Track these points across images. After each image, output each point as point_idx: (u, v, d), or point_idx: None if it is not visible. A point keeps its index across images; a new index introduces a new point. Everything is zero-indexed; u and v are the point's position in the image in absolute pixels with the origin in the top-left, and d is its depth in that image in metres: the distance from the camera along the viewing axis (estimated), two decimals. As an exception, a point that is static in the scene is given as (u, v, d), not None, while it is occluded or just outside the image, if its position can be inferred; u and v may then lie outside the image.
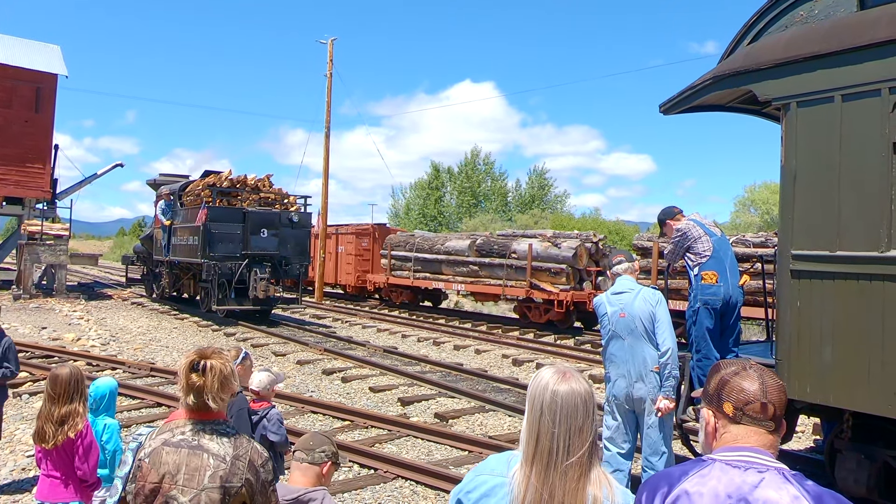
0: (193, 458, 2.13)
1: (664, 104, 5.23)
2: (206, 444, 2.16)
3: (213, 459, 2.13)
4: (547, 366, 1.86)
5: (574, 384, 1.75)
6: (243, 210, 17.50)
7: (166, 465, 2.12)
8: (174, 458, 2.13)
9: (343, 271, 25.65)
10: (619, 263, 4.92)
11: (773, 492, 1.56)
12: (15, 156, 23.14)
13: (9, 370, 5.47)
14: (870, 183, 3.93)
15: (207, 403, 2.19)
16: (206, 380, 2.19)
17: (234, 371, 2.28)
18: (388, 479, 6.02)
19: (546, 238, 18.17)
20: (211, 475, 2.11)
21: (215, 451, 2.14)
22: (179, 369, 2.24)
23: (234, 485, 2.12)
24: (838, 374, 4.07)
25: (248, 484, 2.15)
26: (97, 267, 49.55)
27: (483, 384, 10.44)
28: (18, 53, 24.16)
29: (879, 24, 3.91)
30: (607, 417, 4.85)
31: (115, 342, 13.85)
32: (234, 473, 2.13)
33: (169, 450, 2.15)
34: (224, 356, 2.27)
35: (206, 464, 2.12)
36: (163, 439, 2.18)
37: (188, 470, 2.12)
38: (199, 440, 2.16)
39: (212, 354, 2.25)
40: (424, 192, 55.00)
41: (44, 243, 22.68)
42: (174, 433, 2.19)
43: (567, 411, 1.71)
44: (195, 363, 2.21)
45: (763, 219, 37.72)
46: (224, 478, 2.11)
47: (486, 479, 1.79)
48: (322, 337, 15.24)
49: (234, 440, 2.20)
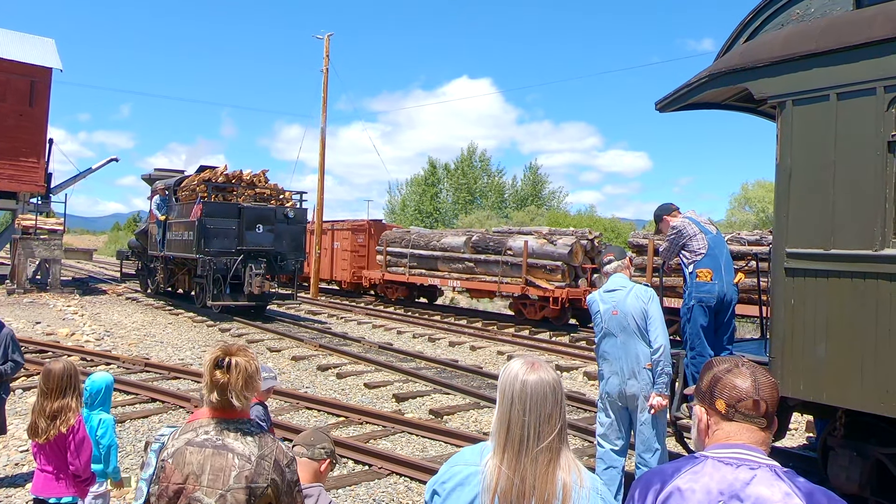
0: (218, 458, 2.08)
1: (660, 101, 5.24)
2: (231, 444, 2.11)
3: (239, 459, 2.08)
4: (517, 357, 1.91)
5: (542, 374, 1.81)
6: (239, 205, 17.43)
7: (190, 466, 2.08)
8: (198, 458, 2.08)
9: (339, 267, 25.63)
10: (609, 263, 4.92)
11: (765, 488, 1.56)
12: (9, 150, 23.03)
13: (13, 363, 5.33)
14: (864, 181, 3.94)
15: (231, 401, 2.14)
16: (230, 377, 2.13)
17: (258, 368, 2.22)
18: (383, 475, 6.03)
19: (542, 235, 18.19)
20: (236, 475, 2.06)
21: (240, 451, 2.09)
22: (203, 366, 2.19)
23: (260, 485, 2.07)
24: (831, 371, 4.08)
25: (274, 484, 2.10)
26: (91, 262, 49.41)
27: (478, 381, 10.45)
28: (13, 47, 24.03)
29: (875, 22, 3.92)
30: (600, 414, 4.86)
31: (110, 337, 13.82)
32: (259, 473, 2.08)
33: (193, 450, 2.10)
34: (249, 353, 2.22)
35: (231, 464, 2.07)
36: (186, 439, 2.13)
37: (213, 470, 2.07)
38: (223, 439, 2.11)
39: (237, 351, 2.19)
40: (421, 188, 55.00)
41: (38, 238, 22.59)
42: (198, 432, 2.14)
43: (536, 400, 1.77)
44: (220, 360, 2.15)
45: (758, 217, 37.83)
46: (250, 478, 2.06)
47: (461, 468, 1.84)
48: (317, 333, 15.23)
49: (260, 439, 2.15)
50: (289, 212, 18.02)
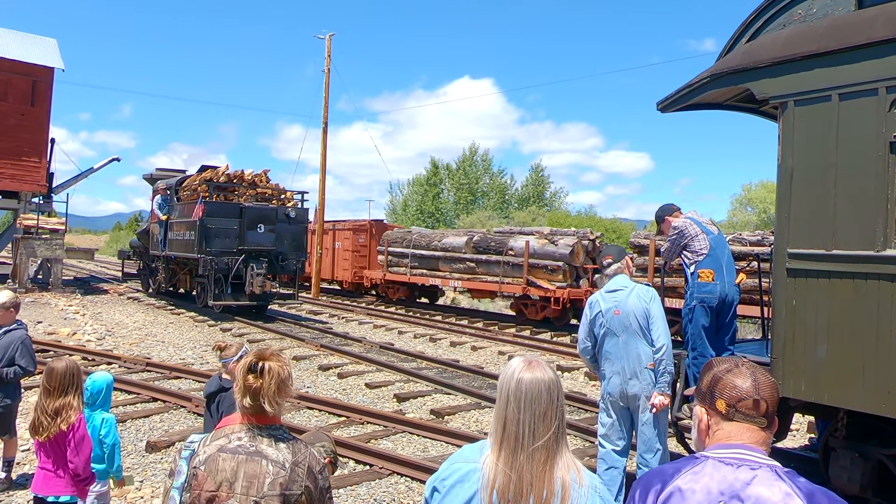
0: (251, 465, 2.05)
1: (662, 102, 5.23)
2: (265, 450, 2.09)
3: (273, 466, 2.06)
4: (517, 356, 1.93)
5: (539, 373, 1.83)
6: (240, 205, 17.44)
7: (223, 473, 2.05)
8: (231, 465, 2.05)
9: (340, 267, 25.64)
10: (609, 265, 4.88)
11: (765, 489, 1.56)
12: (10, 149, 23.05)
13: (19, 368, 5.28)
14: (866, 182, 3.94)
15: (263, 406, 2.12)
16: (263, 381, 2.11)
17: (291, 375, 2.20)
18: (384, 475, 6.03)
19: (543, 235, 18.18)
20: (271, 482, 2.04)
21: (274, 458, 2.08)
22: (237, 370, 2.18)
23: (294, 492, 2.06)
24: (833, 372, 4.08)
25: (308, 491, 2.09)
26: (93, 261, 49.45)
27: (479, 381, 10.45)
28: (14, 46, 24.06)
29: (877, 23, 3.91)
30: (602, 415, 4.85)
31: (111, 337, 13.83)
32: (293, 480, 2.06)
33: (226, 456, 2.07)
34: (282, 359, 2.20)
35: (266, 470, 2.05)
36: (218, 445, 2.10)
37: (247, 477, 2.04)
38: (256, 446, 2.09)
39: (270, 356, 2.17)
40: (422, 188, 55.01)
41: (39, 237, 22.62)
42: (230, 439, 2.11)
43: (531, 398, 1.80)
44: (253, 364, 2.14)
45: (760, 217, 37.80)
46: (284, 485, 2.05)
47: (460, 466, 1.86)
48: (318, 333, 15.24)
49: (293, 446, 2.14)
50: (290, 212, 18.02)
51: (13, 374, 5.30)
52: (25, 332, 5.45)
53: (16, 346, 5.29)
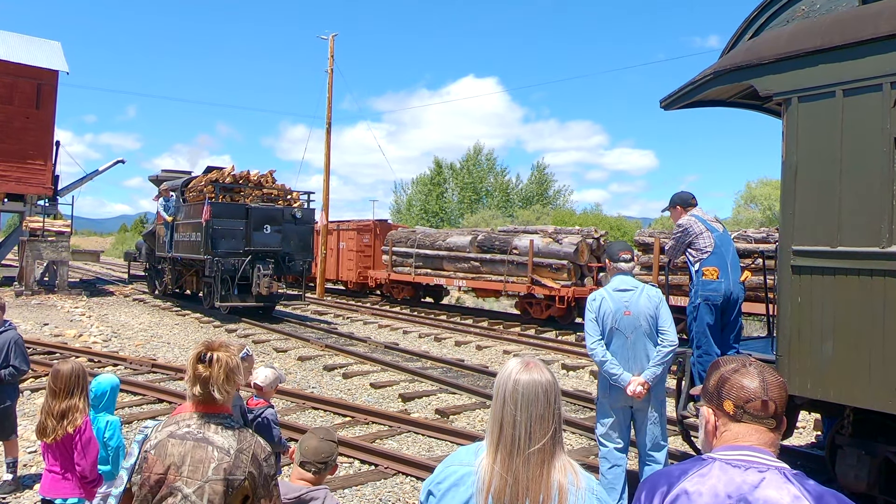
0: (198, 450, 2.17)
1: (665, 99, 5.22)
2: (211, 437, 2.19)
3: (218, 452, 2.17)
4: (515, 357, 1.91)
5: (535, 374, 1.80)
6: (246, 206, 17.35)
7: (172, 457, 2.16)
8: (179, 450, 2.17)
9: (344, 267, 25.66)
10: (627, 261, 4.83)
11: (774, 491, 1.54)
12: (16, 152, 23.14)
13: (14, 369, 5.38)
14: (871, 178, 3.91)
15: (213, 394, 2.23)
16: (212, 371, 2.23)
17: (239, 364, 2.32)
18: (389, 474, 6.03)
19: (547, 234, 18.15)
20: (215, 467, 2.15)
21: (220, 444, 2.18)
22: (188, 361, 2.30)
23: (238, 477, 2.16)
24: (839, 369, 4.06)
25: (251, 477, 2.19)
26: (99, 263, 49.62)
27: (484, 380, 10.44)
28: (19, 50, 24.14)
29: (881, 18, 3.89)
30: (603, 414, 4.84)
31: (117, 338, 13.87)
32: (237, 466, 2.17)
33: (175, 441, 2.19)
34: (231, 349, 2.32)
35: (211, 456, 2.16)
36: (168, 431, 2.22)
37: (193, 461, 2.15)
38: (204, 433, 2.20)
39: (219, 347, 2.30)
40: (426, 187, 54.98)
41: (45, 240, 22.70)
42: (180, 425, 2.23)
43: (528, 399, 1.76)
44: (202, 354, 2.26)
45: (765, 214, 37.67)
46: (228, 470, 2.15)
47: (456, 468, 1.84)
48: (323, 333, 15.25)
49: (238, 433, 2.24)
50: (296, 212, 17.93)
51: (9, 375, 5.41)
52: (16, 332, 5.57)
53: (10, 347, 5.40)
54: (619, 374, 4.57)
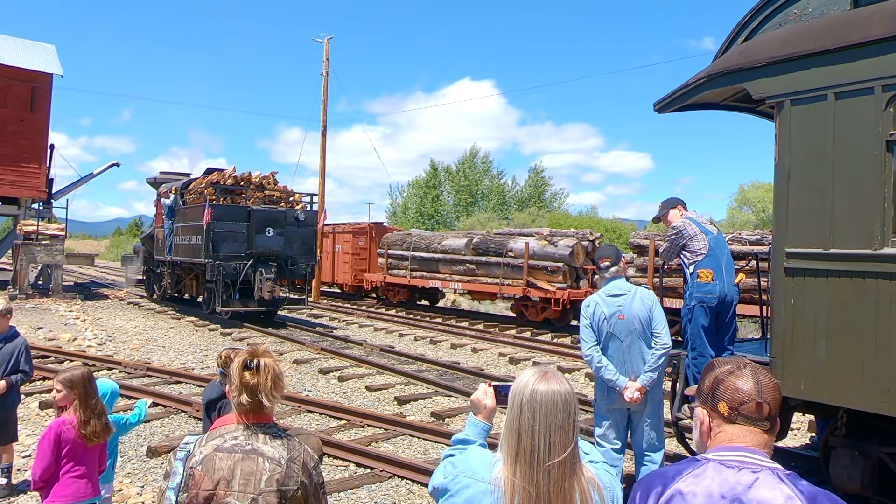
0: (248, 463, 2.10)
1: (659, 102, 5.24)
2: (261, 448, 2.14)
3: (269, 463, 2.11)
4: (531, 366, 1.87)
5: (554, 384, 1.76)
6: (248, 208, 16.95)
7: (220, 472, 2.09)
8: (228, 464, 2.10)
9: (340, 270, 25.64)
10: (608, 268, 4.82)
11: (767, 492, 1.56)
12: (10, 155, 23.06)
13: (23, 373, 5.46)
14: (863, 181, 3.94)
15: (261, 401, 2.17)
16: (259, 378, 2.17)
17: (283, 371, 2.27)
18: (385, 478, 6.03)
19: (543, 236, 18.18)
20: (267, 479, 2.09)
21: (270, 455, 2.13)
22: (232, 370, 2.22)
23: (291, 488, 2.11)
24: (832, 371, 4.08)
25: (303, 486, 2.14)
26: (93, 267, 49.46)
27: (480, 383, 10.40)
28: (13, 53, 24.07)
29: (872, 21, 3.92)
30: (599, 416, 4.86)
31: (112, 342, 13.83)
32: (289, 476, 2.12)
33: (222, 455, 2.12)
34: (273, 355, 2.27)
35: (262, 468, 2.10)
36: (214, 445, 2.15)
37: (243, 475, 2.09)
38: (252, 444, 2.14)
39: (263, 353, 2.24)
40: (422, 190, 54.98)
41: (40, 243, 22.61)
42: (226, 438, 2.16)
43: (546, 409, 1.72)
44: (248, 362, 2.19)
45: (759, 216, 37.80)
46: (280, 481, 2.10)
47: (469, 482, 1.79)
48: (319, 336, 15.23)
49: (287, 442, 2.19)
50: (299, 214, 17.61)
51: (19, 380, 5.45)
52: (23, 337, 5.64)
53: (20, 353, 5.45)
54: (616, 378, 4.61)
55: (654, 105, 5.28)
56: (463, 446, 2.01)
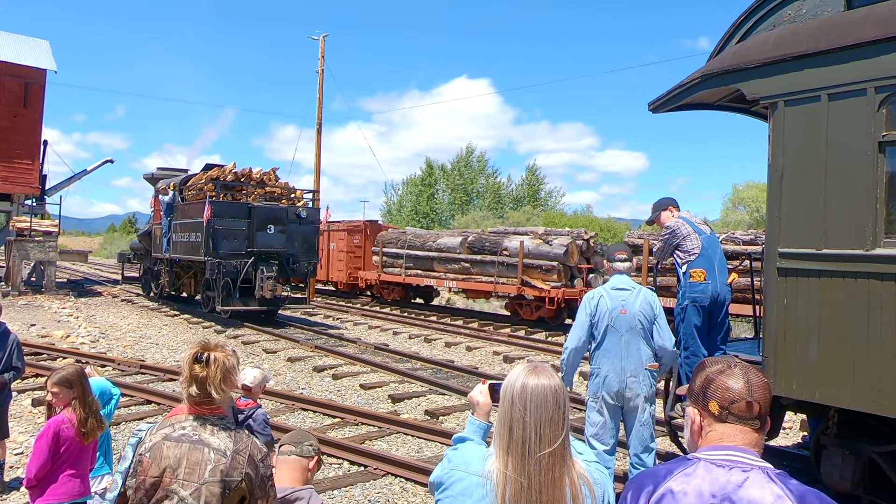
0: (194, 453, 2.16)
1: (653, 102, 5.25)
2: (207, 439, 2.19)
3: (214, 454, 2.16)
4: (522, 362, 1.91)
5: (544, 378, 1.81)
6: (249, 205, 16.57)
7: (167, 460, 2.15)
8: (175, 453, 2.16)
9: (334, 268, 25.60)
10: (623, 261, 4.99)
11: (757, 491, 1.57)
12: (3, 151, 22.96)
13: (15, 370, 5.44)
14: (856, 181, 3.96)
15: (210, 393, 2.22)
16: (209, 371, 2.23)
17: (235, 365, 2.32)
18: (379, 475, 6.03)
19: (537, 235, 18.20)
20: (211, 469, 2.14)
21: (216, 446, 2.18)
22: (183, 362, 2.29)
23: (234, 479, 2.16)
24: (824, 371, 4.11)
25: (248, 478, 2.18)
26: (87, 263, 49.29)
27: (474, 381, 10.44)
28: (7, 48, 23.95)
29: (866, 23, 3.94)
30: (592, 414, 4.87)
31: (105, 339, 13.79)
32: (234, 468, 2.16)
33: (170, 444, 2.18)
34: (226, 350, 2.32)
35: (207, 458, 2.15)
36: (163, 434, 2.21)
37: (189, 464, 2.14)
38: (199, 435, 2.19)
39: (215, 347, 2.29)
40: (417, 188, 54.98)
41: (33, 240, 22.53)
42: (175, 428, 2.22)
43: (537, 401, 1.77)
44: (198, 355, 2.25)
45: (753, 216, 37.93)
46: (224, 472, 2.14)
47: (462, 475, 1.84)
48: (313, 334, 15.22)
49: (234, 435, 2.23)
50: (301, 211, 17.24)
51: (10, 377, 5.44)
52: (14, 334, 5.57)
53: (12, 350, 5.41)
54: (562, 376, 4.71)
55: (648, 105, 5.30)
56: (461, 444, 2.04)
